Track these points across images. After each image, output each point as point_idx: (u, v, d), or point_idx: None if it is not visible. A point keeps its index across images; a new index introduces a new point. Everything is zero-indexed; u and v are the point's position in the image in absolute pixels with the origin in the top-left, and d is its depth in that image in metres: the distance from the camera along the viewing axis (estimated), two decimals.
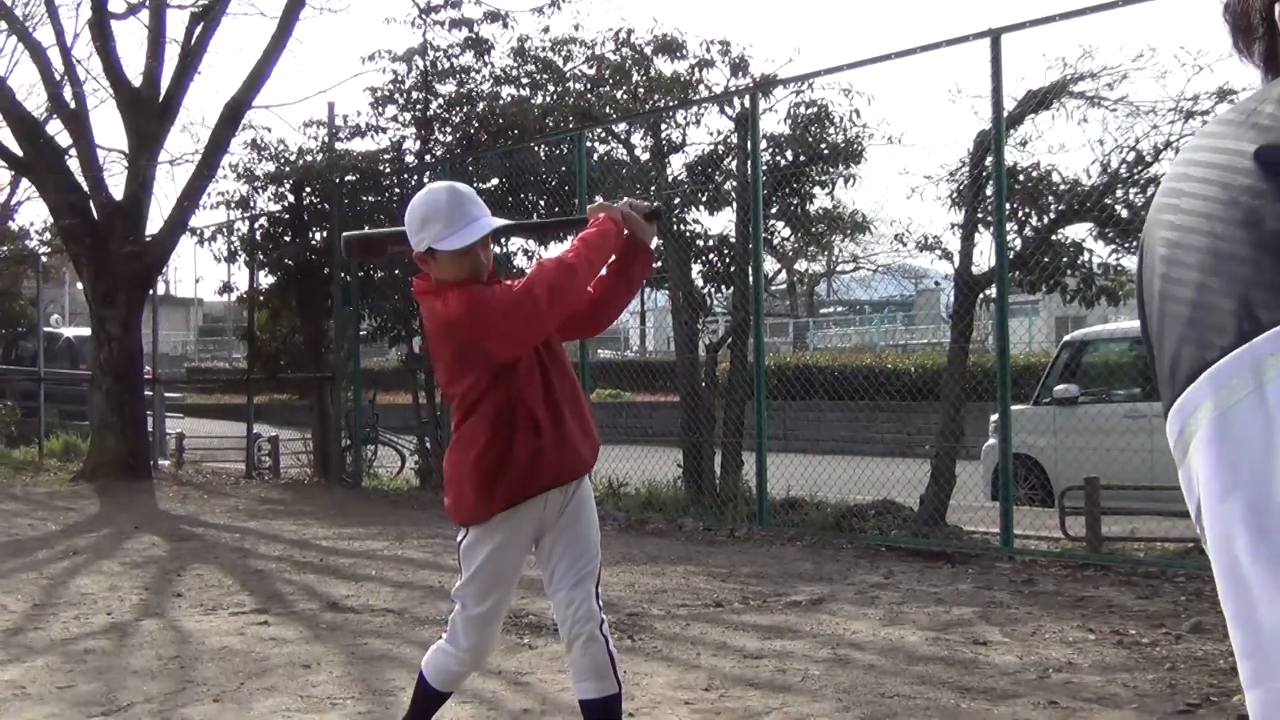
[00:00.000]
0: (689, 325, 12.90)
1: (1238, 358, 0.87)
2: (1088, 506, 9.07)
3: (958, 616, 7.11)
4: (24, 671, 6.06)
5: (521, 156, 14.54)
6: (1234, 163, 0.95)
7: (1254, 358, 0.86)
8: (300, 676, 5.87)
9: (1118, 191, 9.80)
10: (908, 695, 5.39)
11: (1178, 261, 0.96)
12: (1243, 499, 0.85)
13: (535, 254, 15.31)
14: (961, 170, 10.43)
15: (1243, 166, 0.94)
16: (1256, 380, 0.86)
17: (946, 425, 10.40)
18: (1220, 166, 0.97)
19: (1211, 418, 0.88)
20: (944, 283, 19.05)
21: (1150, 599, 7.50)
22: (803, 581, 8.41)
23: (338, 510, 13.37)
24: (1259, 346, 0.86)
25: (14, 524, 12.19)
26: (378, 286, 16.02)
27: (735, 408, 12.10)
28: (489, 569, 3.93)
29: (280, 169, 16.89)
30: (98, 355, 17.06)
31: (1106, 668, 5.86)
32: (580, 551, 3.93)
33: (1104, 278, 10.10)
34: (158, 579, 8.88)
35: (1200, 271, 0.93)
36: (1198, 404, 0.89)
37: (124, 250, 16.53)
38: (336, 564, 9.54)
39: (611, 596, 7.90)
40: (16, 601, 7.99)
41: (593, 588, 3.90)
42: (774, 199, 12.74)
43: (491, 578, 3.96)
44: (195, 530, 11.76)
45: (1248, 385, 0.86)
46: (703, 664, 6.07)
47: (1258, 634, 0.84)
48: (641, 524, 11.45)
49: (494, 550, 3.90)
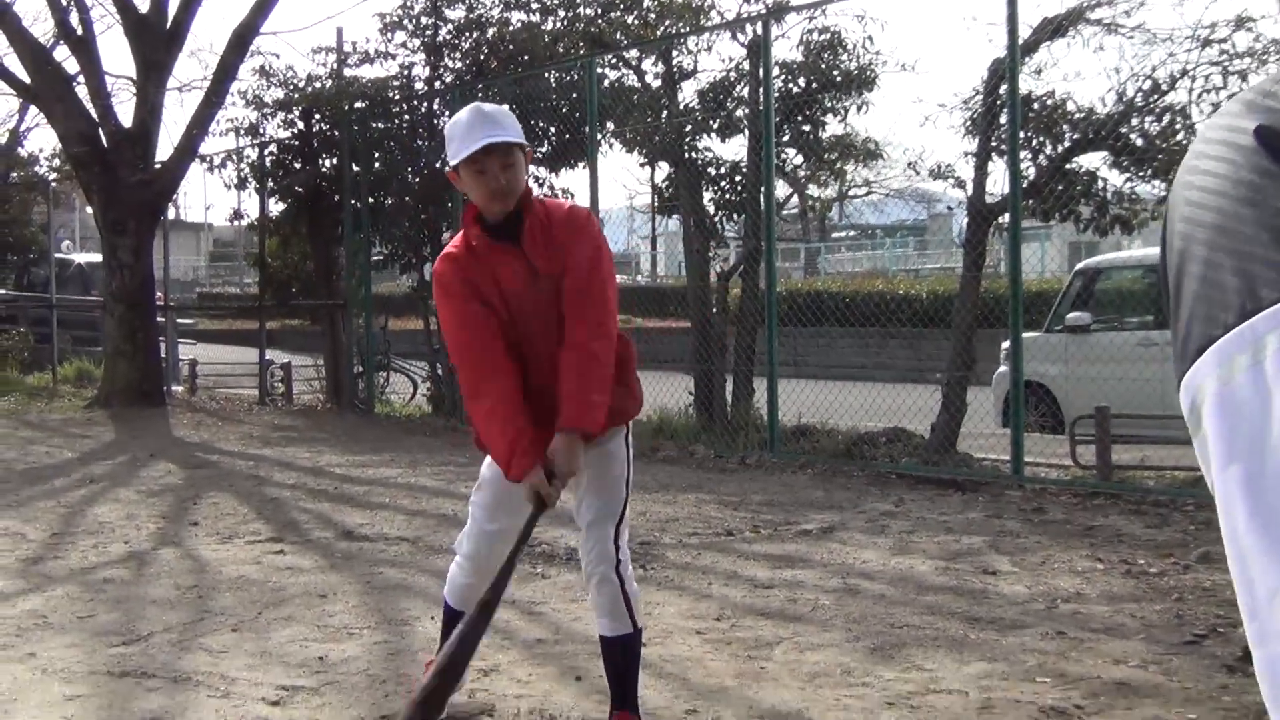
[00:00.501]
0: (700, 253, 12.88)
1: (1239, 334, 0.90)
2: (1098, 435, 9.09)
3: (967, 545, 7.16)
4: (45, 601, 6.14)
5: (532, 83, 14.46)
6: (1240, 141, 0.98)
7: (1254, 334, 0.89)
8: (317, 606, 5.95)
9: (1133, 120, 9.73)
10: (917, 625, 5.45)
11: (1192, 238, 0.99)
12: (1240, 469, 0.90)
13: (545, 180, 15.28)
14: (975, 98, 10.36)
15: (1246, 145, 0.96)
16: (1256, 356, 0.89)
17: (957, 354, 10.41)
18: (1229, 144, 0.99)
19: (1214, 391, 0.92)
20: (957, 208, 18.97)
21: (1159, 528, 7.54)
22: (813, 510, 8.47)
23: (351, 437, 13.45)
24: (1259, 324, 0.89)
25: (30, 451, 12.29)
26: (388, 213, 16.00)
27: (746, 335, 12.12)
28: (498, 486, 3.99)
29: (289, 96, 16.82)
30: (109, 283, 17.09)
31: (1114, 598, 5.91)
32: (603, 494, 3.94)
33: (1118, 206, 10.06)
34: (174, 507, 8.96)
35: (1209, 249, 0.96)
36: (1204, 378, 0.93)
37: (134, 178, 16.50)
38: (350, 492, 9.62)
39: None
40: (35, 530, 8.07)
41: (611, 529, 3.90)
42: (786, 126, 12.66)
43: (497, 497, 4.03)
44: (210, 458, 11.85)
45: (1248, 361, 0.90)
46: (714, 593, 6.13)
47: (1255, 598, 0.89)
48: (653, 451, 11.50)
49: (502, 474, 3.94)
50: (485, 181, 3.84)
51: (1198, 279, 0.97)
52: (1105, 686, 4.54)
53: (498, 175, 3.83)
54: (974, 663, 4.87)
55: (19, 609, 5.97)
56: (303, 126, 16.81)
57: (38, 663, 5.03)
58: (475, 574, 4.13)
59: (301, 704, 4.46)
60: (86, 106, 16.90)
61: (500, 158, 3.83)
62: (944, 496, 8.89)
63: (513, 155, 3.85)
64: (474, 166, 3.82)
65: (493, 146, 3.80)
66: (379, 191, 15.91)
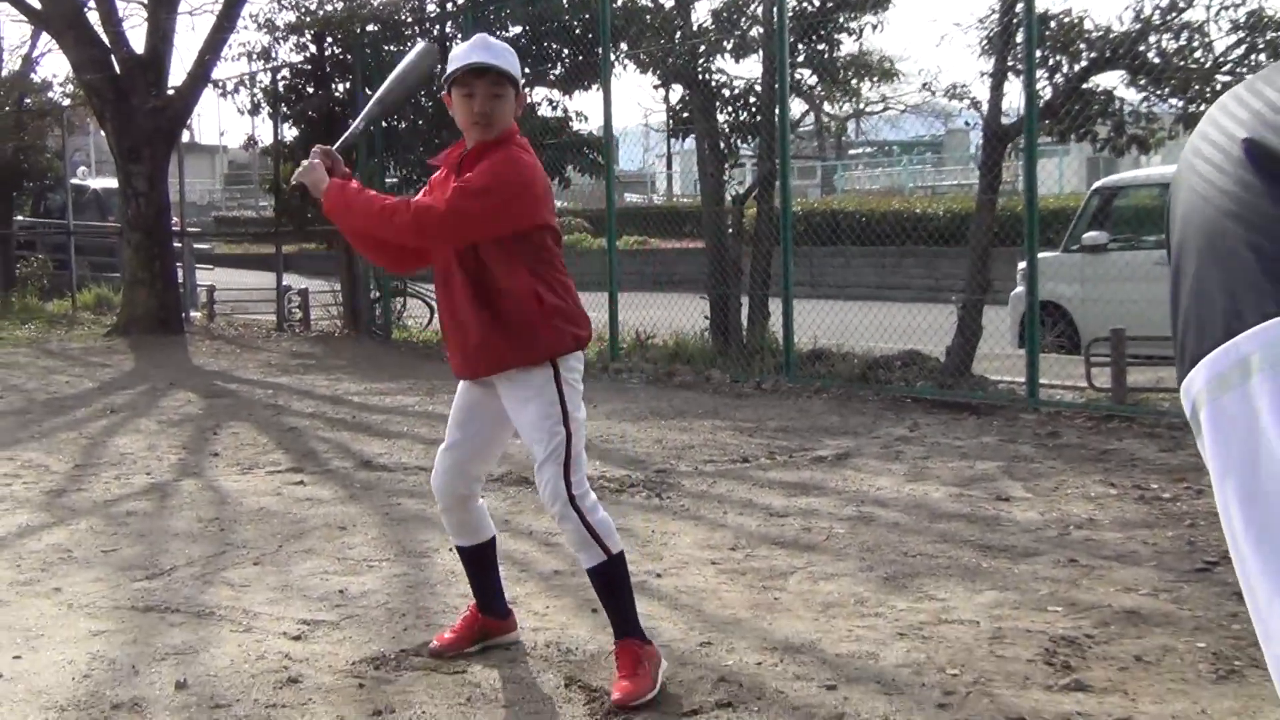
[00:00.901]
0: (715, 176, 12.82)
1: (1225, 352, 0.92)
2: (1113, 358, 9.09)
3: (981, 471, 7.20)
4: (69, 534, 6.23)
5: (544, 3, 14.35)
6: (1230, 149, 0.98)
7: (1239, 354, 0.91)
8: (337, 538, 6.02)
9: (1150, 38, 9.63)
10: (930, 554, 5.49)
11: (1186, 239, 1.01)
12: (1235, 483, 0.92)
13: (559, 103, 15.18)
14: (991, 17, 10.25)
15: (1235, 155, 0.97)
16: (1243, 375, 0.91)
17: (973, 276, 10.38)
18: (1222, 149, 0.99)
19: (1208, 404, 0.93)
20: (974, 127, 18.88)
21: (1173, 452, 7.56)
22: (828, 435, 8.51)
23: (369, 363, 13.52)
24: (1243, 344, 0.90)
25: (51, 381, 12.39)
26: (402, 138, 15.95)
27: (762, 258, 12.09)
28: (454, 404, 4.30)
29: (301, 19, 16.71)
30: (125, 211, 17.11)
31: (1127, 524, 5.95)
32: (539, 436, 4.00)
33: (1135, 125, 9.98)
34: (194, 437, 9.05)
35: (1199, 259, 0.98)
36: (1199, 389, 0.94)
37: (147, 105, 16.45)
38: (368, 420, 9.69)
39: (639, 452, 8.03)
40: (58, 462, 8.17)
41: (558, 468, 3.95)
42: (800, 46, 12.55)
43: (453, 415, 4.29)
44: (229, 386, 11.93)
45: (1235, 379, 0.91)
46: (729, 523, 6.19)
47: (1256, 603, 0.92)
48: (669, 376, 11.54)
49: (458, 392, 4.29)
50: (469, 105, 3.98)
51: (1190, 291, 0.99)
52: (1116, 615, 4.59)
53: (483, 101, 3.95)
54: (985, 591, 4.93)
55: (44, 543, 6.06)
56: (315, 50, 16.72)
57: (63, 598, 5.12)
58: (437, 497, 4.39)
59: (322, 638, 4.54)
60: (98, 33, 16.81)
61: (489, 85, 3.96)
62: (959, 420, 8.92)
63: (502, 87, 3.98)
64: (462, 89, 3.98)
65: (483, 69, 3.93)
66: (393, 116, 15.84)
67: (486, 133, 3.99)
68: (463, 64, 3.94)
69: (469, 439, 4.24)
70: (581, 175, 16.20)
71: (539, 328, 3.97)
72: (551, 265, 4.05)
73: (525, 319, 3.96)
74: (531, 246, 4.00)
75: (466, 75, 3.95)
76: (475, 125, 4.00)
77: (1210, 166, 0.99)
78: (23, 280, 22.41)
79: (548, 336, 3.99)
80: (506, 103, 4.00)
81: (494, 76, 3.95)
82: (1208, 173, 0.99)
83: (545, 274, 4.01)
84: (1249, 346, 0.90)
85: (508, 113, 4.02)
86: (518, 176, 3.96)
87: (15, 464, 8.08)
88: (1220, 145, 0.99)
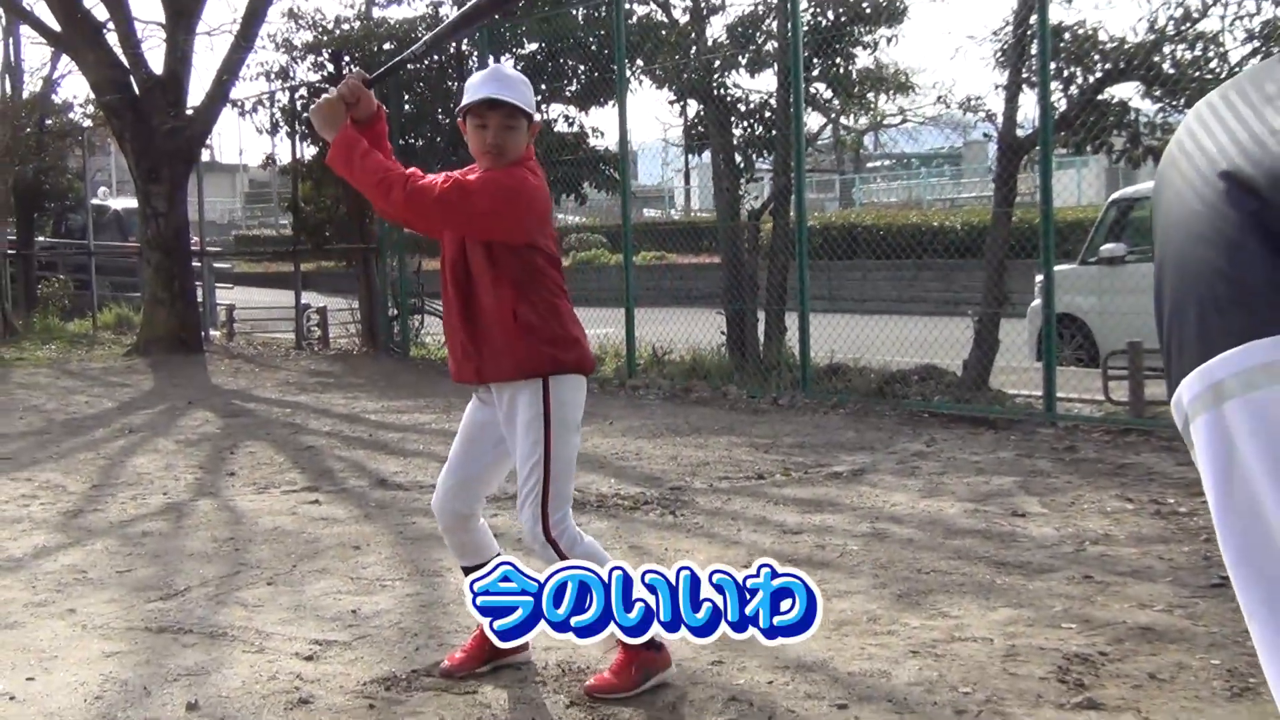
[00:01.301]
0: (730, 191, 12.83)
1: (1199, 376, 0.94)
2: (1131, 371, 9.05)
3: (997, 486, 7.17)
4: (84, 555, 6.24)
5: (559, 21, 14.39)
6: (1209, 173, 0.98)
7: (1211, 379, 0.92)
8: (350, 558, 6.03)
9: (1165, 49, 9.60)
10: (944, 570, 5.47)
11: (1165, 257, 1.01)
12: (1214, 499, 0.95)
13: (574, 120, 15.22)
14: (1005, 29, 10.25)
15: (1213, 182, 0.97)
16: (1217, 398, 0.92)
17: (989, 290, 10.36)
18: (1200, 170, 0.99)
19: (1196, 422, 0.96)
20: (991, 134, 18.85)
21: (1190, 465, 7.45)
22: (844, 451, 8.49)
23: (386, 381, 13.54)
24: (1215, 368, 0.92)
25: (71, 401, 12.45)
26: (419, 155, 16.00)
27: (778, 272, 12.09)
28: (461, 424, 4.37)
29: (318, 38, 16.80)
30: (145, 231, 17.21)
31: (1143, 539, 5.91)
32: (520, 470, 4.11)
33: (1150, 136, 9.95)
34: (211, 457, 9.07)
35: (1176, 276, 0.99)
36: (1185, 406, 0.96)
37: (166, 125, 16.56)
38: (385, 439, 9.70)
39: (654, 469, 8.03)
40: (75, 482, 8.20)
41: (535, 510, 4.04)
42: (815, 60, 12.55)
43: (458, 435, 4.36)
44: (247, 405, 11.97)
45: (1208, 403, 0.93)
46: (743, 539, 6.17)
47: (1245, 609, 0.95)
48: (686, 392, 11.54)
49: (466, 411, 4.35)
50: (482, 136, 4.06)
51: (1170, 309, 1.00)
52: (1130, 632, 4.56)
53: (496, 133, 4.03)
54: (1000, 609, 4.90)
55: (60, 563, 6.08)
56: (332, 69, 16.79)
57: (77, 618, 5.13)
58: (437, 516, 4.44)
59: (334, 658, 4.54)
60: (117, 54, 16.93)
61: (503, 118, 4.03)
62: (976, 435, 8.89)
63: (515, 119, 4.04)
64: (476, 120, 4.06)
65: (496, 103, 4.00)
66: (410, 133, 15.91)
67: (498, 162, 4.06)
68: (476, 97, 4.01)
69: (471, 459, 4.29)
70: (598, 191, 16.23)
71: (514, 344, 4.03)
72: (539, 286, 4.08)
73: (502, 334, 4.04)
74: (520, 264, 4.05)
75: (480, 107, 4.02)
76: (486, 155, 4.07)
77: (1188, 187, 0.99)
78: (44, 300, 22.55)
79: (523, 354, 4.04)
80: (519, 134, 4.07)
81: (507, 109, 4.01)
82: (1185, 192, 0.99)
83: (531, 294, 4.05)
84: (1221, 371, 0.92)
85: (520, 143, 4.09)
86: (516, 188, 4.02)
87: (33, 484, 8.11)
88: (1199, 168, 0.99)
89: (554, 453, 4.04)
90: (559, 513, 4.04)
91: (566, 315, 4.15)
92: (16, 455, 9.28)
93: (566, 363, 4.09)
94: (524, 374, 4.04)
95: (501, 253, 4.03)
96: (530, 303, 4.04)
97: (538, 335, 4.03)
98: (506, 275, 4.03)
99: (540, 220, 4.11)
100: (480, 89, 4.03)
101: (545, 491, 4.03)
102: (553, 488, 4.04)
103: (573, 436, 4.13)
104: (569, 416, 4.10)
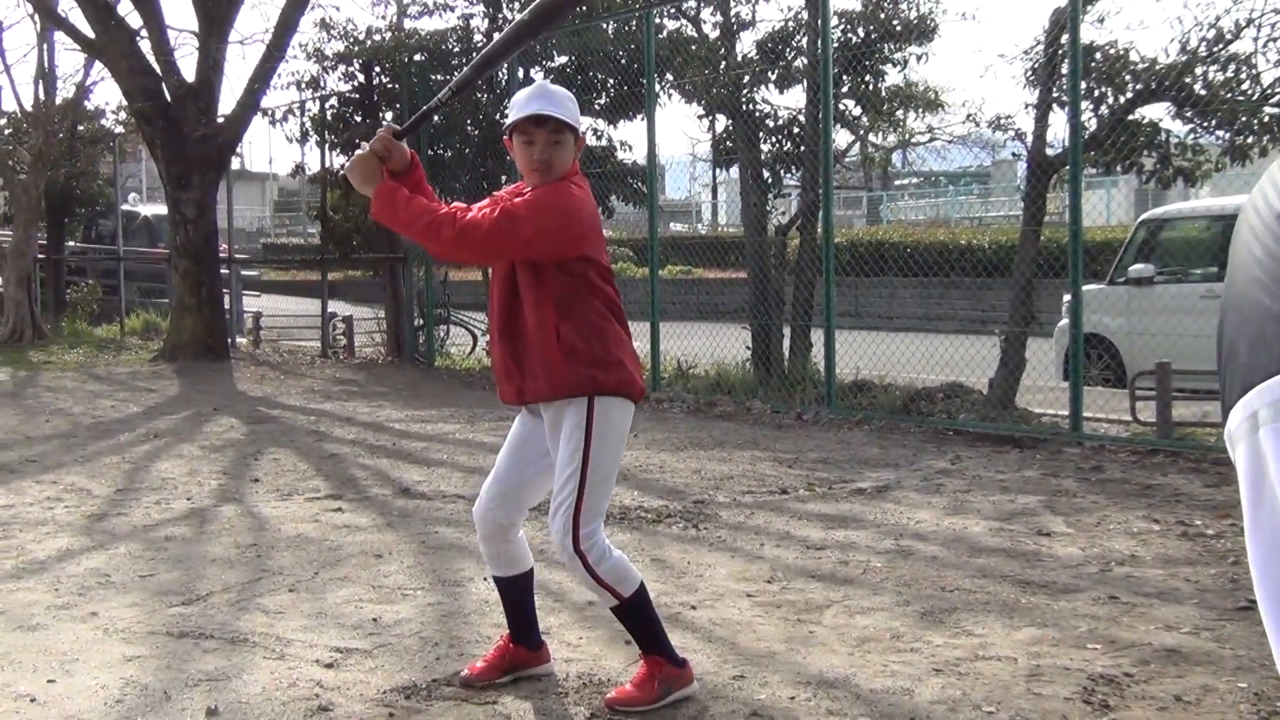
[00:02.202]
0: (758, 206, 12.82)
1: (1242, 406, 1.02)
2: (1158, 391, 8.99)
3: (1022, 505, 7.13)
4: (108, 559, 6.26)
5: (589, 35, 14.42)
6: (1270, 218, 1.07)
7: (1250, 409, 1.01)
8: (372, 566, 6.02)
9: (1196, 70, 9.56)
10: (968, 589, 5.44)
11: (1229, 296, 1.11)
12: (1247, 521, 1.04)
13: (603, 133, 15.24)
14: (1036, 48, 10.22)
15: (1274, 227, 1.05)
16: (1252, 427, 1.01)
17: (1016, 308, 10.32)
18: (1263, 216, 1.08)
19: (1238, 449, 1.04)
20: (1020, 153, 18.79)
21: (1218, 487, 7.46)
22: (869, 467, 8.45)
23: (411, 391, 13.57)
24: (1253, 400, 1.00)
25: (97, 405, 12.50)
26: (449, 166, 16.05)
27: (805, 288, 12.06)
28: (509, 434, 4.35)
29: (349, 48, 16.88)
30: (174, 237, 17.30)
31: (1169, 560, 5.87)
32: (557, 481, 4.07)
33: (1181, 157, 9.91)
34: (236, 463, 9.09)
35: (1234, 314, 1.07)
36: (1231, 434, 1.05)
37: (197, 133, 16.65)
38: (409, 448, 9.71)
39: (678, 483, 8.01)
40: (100, 486, 8.23)
41: (566, 521, 3.99)
42: (845, 77, 12.54)
43: (505, 445, 4.34)
44: (272, 412, 12.00)
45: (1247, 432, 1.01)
46: (766, 555, 6.15)
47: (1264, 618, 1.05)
48: (710, 406, 11.52)
49: (515, 422, 4.34)
50: (529, 152, 4.04)
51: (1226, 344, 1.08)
52: (1156, 654, 4.52)
53: (543, 148, 4.01)
54: (1024, 628, 4.86)
55: (83, 567, 6.09)
56: (363, 79, 16.88)
57: (99, 622, 5.14)
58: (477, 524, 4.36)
59: (354, 666, 4.53)
60: (150, 61, 17.03)
61: (550, 133, 4.00)
62: (1001, 454, 8.84)
63: (562, 134, 4.02)
64: (523, 136, 4.04)
65: (542, 118, 3.98)
66: (439, 144, 15.96)
67: (546, 178, 4.04)
68: (523, 113, 4.00)
69: (516, 471, 4.24)
70: (625, 204, 16.25)
71: (554, 365, 3.99)
72: (585, 305, 4.01)
73: (543, 354, 4.00)
74: (569, 280, 3.99)
75: (527, 123, 4.00)
76: (535, 171, 4.05)
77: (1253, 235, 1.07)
78: (73, 305, 22.69)
79: (562, 377, 4.00)
80: (566, 149, 4.05)
81: (554, 124, 4.00)
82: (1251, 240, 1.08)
83: (575, 314, 4.00)
84: (1258, 401, 0.99)
85: (567, 158, 4.06)
86: (563, 204, 3.98)
87: (58, 488, 8.15)
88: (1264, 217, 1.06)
89: (592, 463, 4.00)
90: (590, 525, 4.00)
91: (612, 338, 4.07)
92: (42, 458, 9.32)
93: (607, 384, 4.02)
94: (562, 396, 4.01)
95: (548, 270, 3.99)
96: (574, 323, 3.99)
97: (579, 357, 3.98)
98: (550, 294, 3.99)
99: (590, 232, 4.06)
100: (527, 105, 4.01)
101: (579, 503, 3.99)
102: (586, 500, 4.00)
103: (613, 453, 4.09)
104: (612, 433, 4.06)
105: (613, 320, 4.10)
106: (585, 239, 4.03)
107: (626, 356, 4.11)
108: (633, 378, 4.11)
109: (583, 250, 4.02)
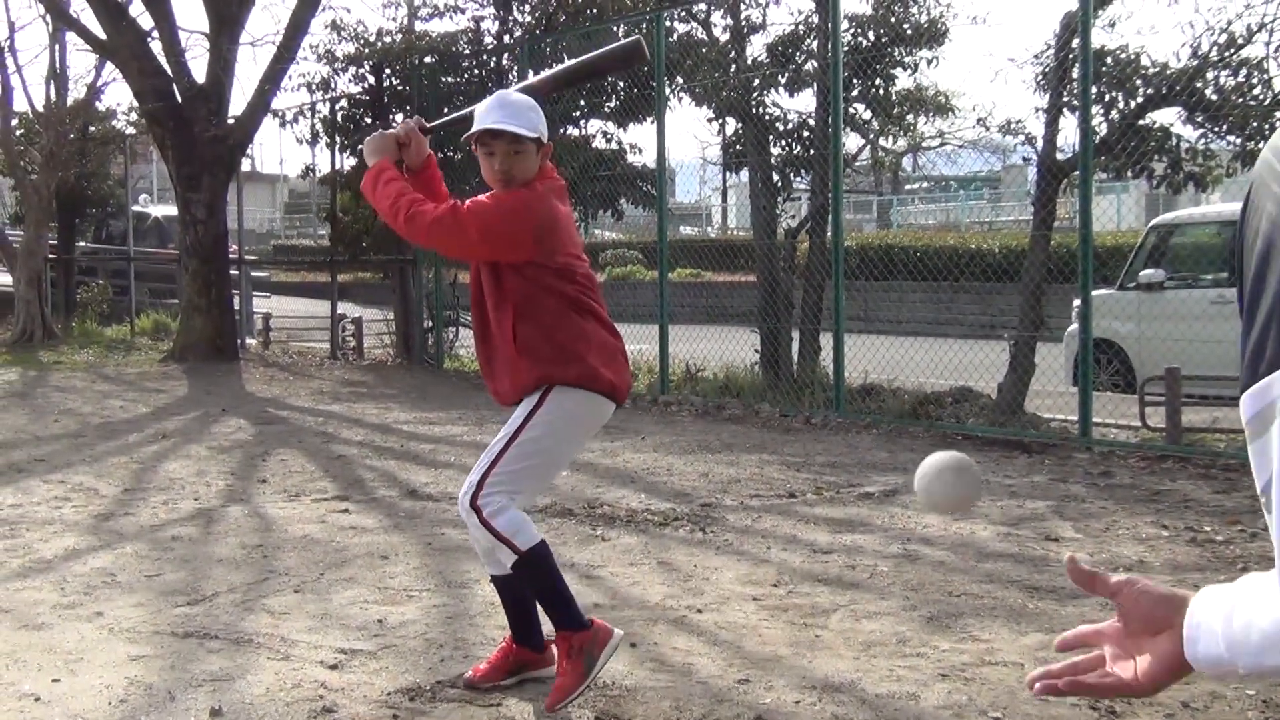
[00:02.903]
0: (767, 210, 12.80)
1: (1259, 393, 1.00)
2: (1168, 397, 8.97)
3: (1031, 510, 7.10)
4: (114, 559, 6.26)
5: (600, 38, 14.38)
6: None
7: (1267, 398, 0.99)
8: (378, 568, 6.02)
9: (1208, 74, 9.53)
10: (975, 594, 5.42)
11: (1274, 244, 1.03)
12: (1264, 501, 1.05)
13: (613, 136, 15.24)
14: (1047, 52, 10.19)
15: None
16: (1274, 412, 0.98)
17: (1025, 314, 10.29)
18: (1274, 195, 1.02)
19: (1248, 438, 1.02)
20: (1030, 158, 18.75)
21: (1227, 493, 7.44)
22: (876, 471, 8.43)
23: (419, 393, 13.57)
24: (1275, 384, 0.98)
25: (106, 405, 12.51)
26: (457, 168, 16.04)
27: (814, 291, 12.05)
28: None
29: (360, 50, 16.90)
30: (184, 238, 17.31)
31: (1178, 567, 5.84)
32: (495, 443, 4.13)
33: (1191, 162, 9.88)
34: (243, 464, 9.10)
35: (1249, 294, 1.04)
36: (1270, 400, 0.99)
37: (207, 134, 16.66)
38: (416, 449, 9.71)
39: (685, 486, 8.00)
40: (108, 486, 8.23)
41: (478, 474, 4.04)
42: (855, 81, 12.52)
43: None
44: (280, 413, 12.01)
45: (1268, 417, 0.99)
46: (772, 558, 6.13)
47: None
48: (719, 409, 11.51)
49: None
50: (489, 163, 4.10)
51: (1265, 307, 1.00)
52: None
53: (503, 159, 4.06)
54: (1031, 634, 4.84)
55: (89, 566, 6.10)
56: (373, 81, 16.89)
57: (104, 621, 5.14)
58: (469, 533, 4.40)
59: (359, 668, 4.52)
60: (161, 62, 17.05)
61: (508, 145, 4.05)
62: (1010, 459, 8.82)
63: (522, 145, 4.05)
64: (484, 148, 4.09)
65: (498, 132, 4.03)
66: (449, 146, 15.95)
67: (508, 188, 4.09)
68: (480, 126, 4.04)
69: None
70: (635, 207, 16.24)
71: (514, 365, 4.07)
72: (543, 305, 4.05)
73: (505, 356, 4.10)
74: (523, 283, 4.04)
75: (485, 136, 4.05)
76: (497, 182, 4.11)
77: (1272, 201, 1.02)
78: (83, 305, 22.74)
79: (522, 378, 4.08)
80: (527, 158, 4.08)
81: (511, 136, 4.03)
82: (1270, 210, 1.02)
83: (533, 314, 4.04)
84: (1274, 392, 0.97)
85: (529, 166, 4.10)
86: (512, 209, 4.02)
87: (66, 487, 8.15)
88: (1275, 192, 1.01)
89: (523, 436, 4.05)
90: (497, 490, 4.01)
91: (572, 334, 4.06)
92: (50, 457, 9.33)
93: (565, 377, 4.05)
94: (523, 396, 4.11)
95: (506, 272, 4.06)
96: (532, 324, 4.03)
97: (537, 357, 4.04)
98: (510, 297, 4.05)
99: (545, 235, 4.04)
100: (484, 118, 4.05)
101: (492, 466, 4.04)
102: (504, 466, 4.03)
103: (560, 438, 4.13)
104: (562, 419, 4.08)
105: (574, 316, 4.09)
106: (538, 244, 4.02)
107: (592, 352, 4.09)
108: (596, 371, 4.08)
109: (533, 255, 4.03)
